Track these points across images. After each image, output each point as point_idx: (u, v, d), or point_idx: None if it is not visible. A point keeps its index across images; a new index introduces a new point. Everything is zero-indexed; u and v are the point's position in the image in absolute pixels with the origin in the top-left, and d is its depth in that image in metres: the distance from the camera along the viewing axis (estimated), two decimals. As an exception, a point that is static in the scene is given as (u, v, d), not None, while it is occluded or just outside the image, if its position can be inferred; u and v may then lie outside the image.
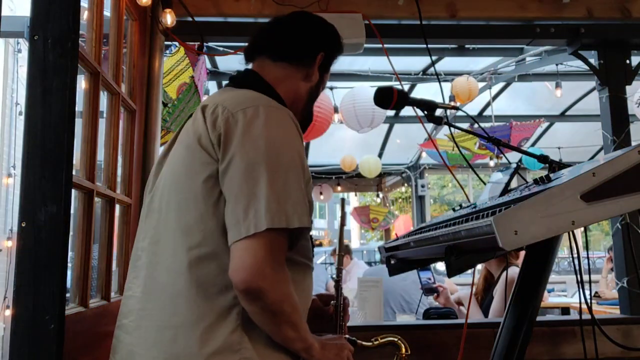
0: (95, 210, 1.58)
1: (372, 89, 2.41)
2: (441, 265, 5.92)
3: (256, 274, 1.00)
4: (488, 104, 6.25)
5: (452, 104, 3.73)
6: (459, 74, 5.09)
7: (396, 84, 4.02)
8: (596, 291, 4.92)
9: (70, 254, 1.29)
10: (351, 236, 23.36)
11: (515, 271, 2.46)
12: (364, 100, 4.79)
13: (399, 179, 9.68)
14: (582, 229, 1.05)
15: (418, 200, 8.83)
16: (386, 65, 3.56)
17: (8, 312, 5.20)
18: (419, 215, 8.78)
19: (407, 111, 5.49)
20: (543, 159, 1.37)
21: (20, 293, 1.15)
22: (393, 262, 1.66)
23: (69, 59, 1.22)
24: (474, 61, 5.43)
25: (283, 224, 1.03)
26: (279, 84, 1.28)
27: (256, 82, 1.26)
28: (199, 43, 2.47)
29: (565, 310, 4.85)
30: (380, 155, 8.13)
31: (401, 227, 9.62)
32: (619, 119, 2.56)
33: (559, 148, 7.40)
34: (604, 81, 2.59)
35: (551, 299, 5.21)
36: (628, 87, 2.61)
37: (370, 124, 4.98)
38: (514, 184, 1.35)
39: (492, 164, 6.70)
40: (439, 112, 1.50)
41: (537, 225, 0.90)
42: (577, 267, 1.27)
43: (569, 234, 1.17)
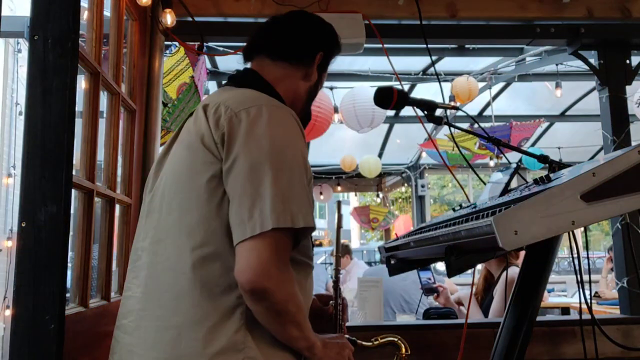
0: (95, 210, 1.58)
1: (372, 89, 2.41)
2: (441, 265, 5.92)
3: (262, 274, 1.00)
4: (488, 104, 6.25)
5: (452, 104, 3.73)
6: (459, 74, 5.09)
7: (396, 84, 4.02)
8: (596, 291, 4.92)
9: (70, 254, 1.29)
10: (351, 236, 23.36)
11: (515, 271, 2.46)
12: (364, 100, 4.79)
13: (399, 179, 9.68)
14: (582, 229, 1.05)
15: (418, 200, 8.83)
16: (386, 65, 3.56)
17: (8, 312, 5.20)
18: (419, 215, 8.78)
19: (407, 111, 5.49)
20: (543, 159, 1.37)
21: (20, 293, 1.15)
22: (393, 262, 1.67)
23: (69, 59, 1.22)
24: (474, 61, 5.43)
25: (289, 223, 1.03)
26: (278, 83, 1.28)
27: (256, 81, 1.26)
28: (199, 43, 2.47)
29: (565, 310, 4.85)
30: (380, 155, 8.13)
31: (401, 227, 9.62)
32: (619, 119, 2.56)
33: (559, 148, 7.40)
34: (604, 81, 2.59)
35: (551, 299, 5.21)
36: (628, 87, 2.61)
37: (370, 124, 4.98)
38: (514, 184, 1.35)
39: (492, 164, 6.70)
40: (439, 112, 1.50)
41: (537, 225, 0.90)
42: (577, 267, 1.27)
43: (569, 234, 1.17)
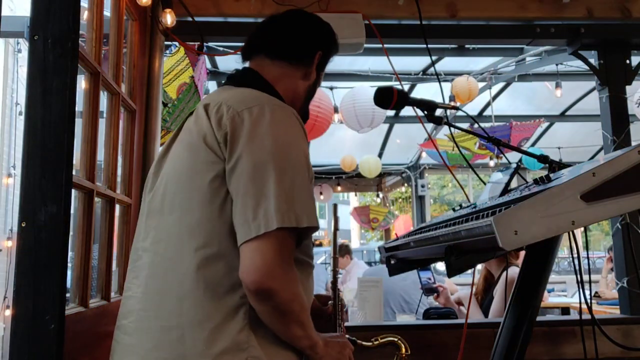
0: (95, 210, 1.58)
1: (372, 89, 2.41)
2: (441, 265, 5.92)
3: (267, 274, 1.00)
4: (488, 104, 6.25)
5: (452, 104, 3.73)
6: (459, 74, 5.08)
7: (396, 84, 4.02)
8: (596, 291, 4.92)
9: (70, 254, 1.29)
10: (351, 236, 23.35)
11: (515, 271, 2.46)
12: (364, 100, 4.79)
13: (399, 179, 9.68)
14: (582, 229, 1.05)
15: (418, 200, 8.83)
16: (386, 65, 3.56)
17: (8, 312, 5.20)
18: (419, 215, 8.78)
19: (407, 111, 5.49)
20: (543, 159, 1.37)
21: (20, 293, 1.15)
22: (393, 262, 1.67)
23: (69, 59, 1.22)
24: (474, 61, 5.43)
25: (293, 223, 1.03)
26: (278, 82, 1.28)
27: (256, 81, 1.26)
28: (199, 43, 2.47)
29: (565, 310, 4.85)
30: (380, 155, 8.12)
31: (401, 227, 9.62)
32: (619, 119, 2.56)
33: (559, 148, 7.40)
34: (604, 81, 2.59)
35: (551, 299, 5.21)
36: (628, 87, 2.61)
37: (370, 124, 4.97)
38: (514, 184, 1.35)
39: (492, 164, 6.70)
40: (439, 112, 1.50)
41: (537, 225, 0.90)
42: (577, 267, 1.27)
43: (569, 234, 1.17)
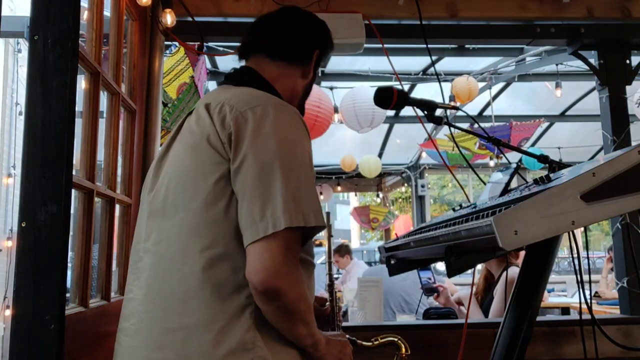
0: (95, 210, 1.58)
1: (372, 89, 2.41)
2: (441, 265, 5.92)
3: (275, 274, 1.00)
4: (488, 104, 6.25)
5: (452, 104, 3.73)
6: (459, 74, 5.09)
7: (396, 84, 4.02)
8: (596, 291, 4.92)
9: (70, 254, 1.29)
10: (351, 236, 23.35)
11: (515, 271, 2.46)
12: (364, 100, 4.79)
13: (399, 179, 9.68)
14: (582, 229, 1.05)
15: (418, 200, 8.84)
16: (386, 65, 3.56)
17: (8, 312, 5.20)
18: (419, 215, 8.78)
19: (407, 111, 5.49)
20: (543, 159, 1.37)
21: (20, 293, 1.15)
22: (393, 262, 1.67)
23: (69, 59, 1.22)
24: (474, 61, 5.44)
25: (301, 222, 1.02)
26: (277, 81, 1.28)
27: (255, 80, 1.25)
28: (199, 43, 2.47)
29: (565, 310, 4.85)
30: (380, 155, 8.13)
31: (401, 227, 9.62)
32: (619, 119, 2.56)
33: (559, 148, 7.41)
34: (604, 81, 2.59)
35: (551, 299, 5.20)
36: (628, 87, 2.61)
37: (370, 124, 4.98)
38: (514, 184, 1.36)
39: (492, 164, 6.70)
40: (439, 112, 1.50)
41: (537, 225, 0.90)
42: (577, 267, 1.27)
43: (569, 234, 1.17)
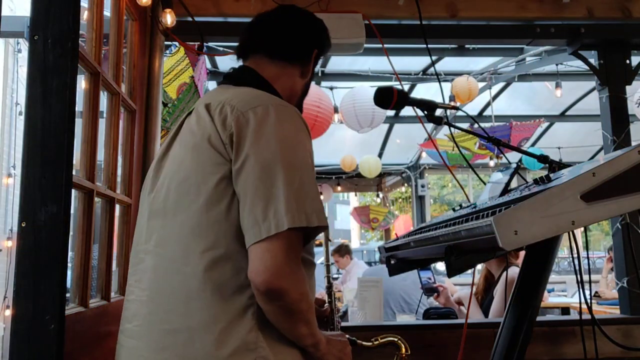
0: (95, 210, 1.58)
1: (372, 89, 2.41)
2: (441, 265, 5.92)
3: (277, 274, 1.00)
4: (488, 104, 6.25)
5: (452, 104, 3.73)
6: (459, 74, 5.09)
7: (396, 84, 4.02)
8: (596, 291, 4.92)
9: (70, 254, 1.29)
10: (351, 236, 23.34)
11: (515, 271, 2.46)
12: (364, 100, 4.79)
13: (399, 179, 9.68)
14: (582, 229, 1.05)
15: (418, 200, 8.84)
16: (386, 65, 3.56)
17: (8, 312, 5.20)
18: (419, 215, 8.78)
19: (407, 111, 5.49)
20: (543, 159, 1.37)
21: (20, 293, 1.15)
22: (393, 262, 1.67)
23: (69, 59, 1.22)
24: (474, 61, 5.44)
25: (304, 222, 1.02)
26: (276, 81, 1.28)
27: (255, 79, 1.25)
28: (199, 43, 2.47)
29: (565, 310, 4.85)
30: (380, 155, 8.13)
31: (401, 227, 9.62)
32: (619, 119, 2.55)
33: (559, 148, 7.41)
34: (604, 81, 2.59)
35: (551, 299, 5.20)
36: (628, 87, 2.61)
37: (370, 124, 4.98)
38: (514, 184, 1.36)
39: (492, 164, 6.71)
40: (439, 112, 1.50)
41: (537, 225, 0.90)
42: (577, 267, 1.27)
43: (569, 234, 1.17)
